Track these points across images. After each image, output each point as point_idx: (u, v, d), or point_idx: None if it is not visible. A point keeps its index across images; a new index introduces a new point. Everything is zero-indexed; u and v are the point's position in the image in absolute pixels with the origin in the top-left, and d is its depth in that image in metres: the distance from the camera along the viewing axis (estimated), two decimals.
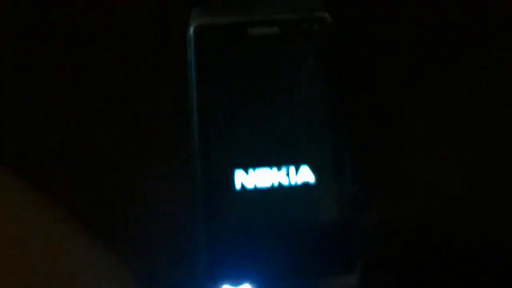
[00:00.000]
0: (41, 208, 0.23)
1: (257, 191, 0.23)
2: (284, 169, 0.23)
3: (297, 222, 0.23)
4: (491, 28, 0.26)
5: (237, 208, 0.23)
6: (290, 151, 0.23)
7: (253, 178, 0.23)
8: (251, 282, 0.23)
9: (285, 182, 0.23)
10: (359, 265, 0.22)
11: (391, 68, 0.26)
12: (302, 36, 0.24)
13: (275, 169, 0.23)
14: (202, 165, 0.23)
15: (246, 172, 0.23)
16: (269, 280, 0.23)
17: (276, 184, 0.23)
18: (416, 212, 0.25)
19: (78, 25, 0.26)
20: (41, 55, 0.26)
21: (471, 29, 0.26)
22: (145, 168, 0.25)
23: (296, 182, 0.23)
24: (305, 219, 0.23)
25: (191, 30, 0.24)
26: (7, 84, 0.26)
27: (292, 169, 0.23)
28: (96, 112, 0.26)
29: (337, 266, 0.23)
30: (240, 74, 0.24)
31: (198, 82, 0.24)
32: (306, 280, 0.23)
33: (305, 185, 0.23)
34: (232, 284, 0.23)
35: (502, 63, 0.26)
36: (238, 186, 0.23)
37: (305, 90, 0.24)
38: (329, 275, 0.23)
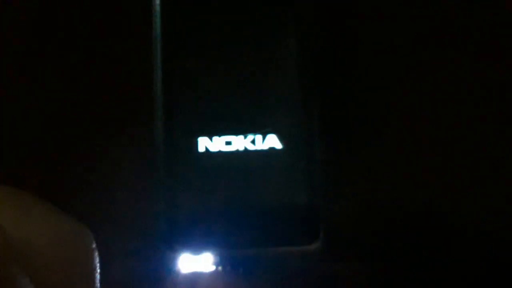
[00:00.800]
0: None
1: (221, 155, 0.22)
2: (250, 137, 0.23)
3: (260, 189, 0.22)
4: (488, 28, 0.26)
5: (199, 173, 0.22)
6: (257, 119, 0.23)
7: (217, 144, 0.22)
8: (212, 250, 0.22)
9: (251, 148, 0.23)
10: (322, 234, 0.22)
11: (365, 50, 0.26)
12: (276, 2, 0.24)
13: (241, 136, 0.23)
14: (164, 131, 0.22)
15: (211, 139, 0.22)
16: (231, 248, 0.22)
17: (241, 149, 0.22)
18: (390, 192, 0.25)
19: None
20: None
21: (466, 27, 0.26)
22: (104, 136, 0.24)
23: (262, 148, 0.22)
24: (269, 185, 0.22)
25: None
26: None
27: (258, 137, 0.23)
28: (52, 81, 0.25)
29: (299, 235, 0.22)
30: (206, 38, 0.23)
31: (163, 45, 0.23)
32: (267, 249, 0.22)
33: (272, 150, 0.23)
34: (192, 253, 0.22)
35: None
36: (201, 150, 0.22)
37: (275, 55, 0.23)
38: (291, 244, 0.22)
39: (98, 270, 0.17)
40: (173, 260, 0.22)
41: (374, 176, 0.25)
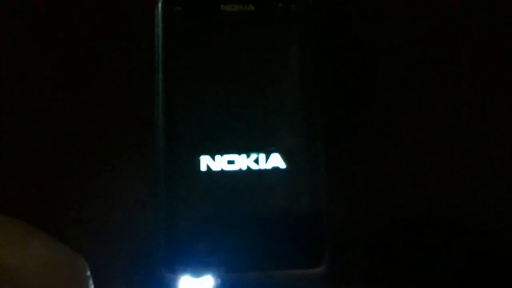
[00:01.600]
0: None
1: (223, 174, 0.22)
2: (253, 156, 0.22)
3: (264, 210, 0.22)
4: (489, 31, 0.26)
5: (200, 192, 0.22)
6: (261, 138, 0.22)
7: (219, 163, 0.22)
8: (213, 273, 0.21)
9: (254, 167, 0.22)
10: (327, 257, 0.21)
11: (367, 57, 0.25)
12: (277, 16, 0.23)
13: (243, 156, 0.22)
14: (165, 150, 0.22)
15: (213, 158, 0.22)
16: (232, 271, 0.21)
17: (244, 168, 0.22)
18: (390, 201, 0.24)
19: None
20: None
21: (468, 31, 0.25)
22: (104, 154, 0.24)
23: (265, 168, 0.22)
24: (272, 207, 0.22)
25: (159, 2, 0.23)
26: None
27: (262, 156, 0.22)
28: (56, 89, 0.24)
29: (304, 259, 0.22)
30: (209, 53, 0.23)
31: (165, 61, 0.22)
32: (270, 272, 0.22)
33: (275, 170, 0.22)
34: (192, 275, 0.21)
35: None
36: (203, 169, 0.22)
37: (279, 72, 0.23)
38: (295, 267, 0.22)
39: None
40: (173, 283, 0.22)
41: (380, 194, 0.24)
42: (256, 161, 0.22)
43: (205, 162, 0.22)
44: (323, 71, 0.23)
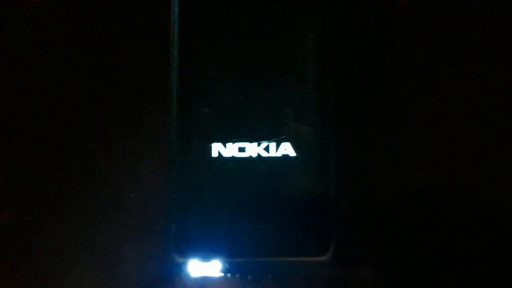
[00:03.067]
0: None
1: (234, 161, 0.22)
2: (264, 144, 0.22)
3: (273, 197, 0.22)
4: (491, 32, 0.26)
5: (211, 178, 0.22)
6: (272, 126, 0.22)
7: (231, 150, 0.22)
8: (221, 258, 0.22)
9: (264, 155, 0.22)
10: (332, 246, 0.22)
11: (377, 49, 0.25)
12: (292, 4, 0.23)
13: (254, 143, 0.22)
14: (178, 136, 0.22)
15: (224, 145, 0.22)
16: (240, 256, 0.22)
17: (254, 155, 0.22)
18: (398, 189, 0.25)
19: None
20: None
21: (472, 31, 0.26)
22: (120, 137, 0.24)
23: (276, 156, 0.22)
24: (282, 194, 0.22)
25: None
26: None
27: (272, 144, 0.22)
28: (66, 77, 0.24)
29: (311, 246, 0.22)
30: (224, 40, 0.23)
31: (180, 47, 0.23)
32: (278, 259, 0.22)
33: (285, 158, 0.22)
34: (201, 259, 0.22)
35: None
36: (214, 155, 0.22)
37: (291, 61, 0.23)
38: (302, 254, 0.22)
39: None
40: (182, 265, 0.22)
41: (387, 183, 0.24)
42: (267, 149, 0.22)
43: (217, 149, 0.22)
44: (336, 60, 0.23)
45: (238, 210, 0.22)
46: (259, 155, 0.22)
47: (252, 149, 0.22)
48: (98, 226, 0.24)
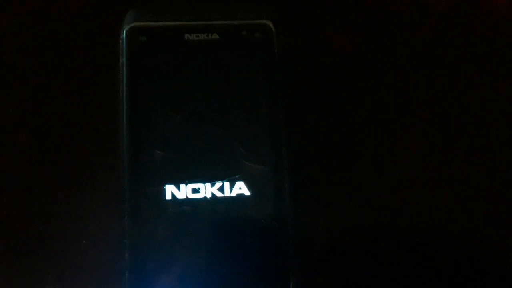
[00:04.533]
0: None
1: (188, 202, 0.22)
2: (218, 184, 0.22)
3: (229, 237, 0.22)
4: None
5: (165, 221, 0.22)
6: (225, 166, 0.22)
7: (184, 192, 0.22)
8: None
9: (219, 195, 0.22)
10: (292, 280, 0.21)
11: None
12: (242, 44, 0.23)
13: (208, 184, 0.22)
14: (130, 179, 0.22)
15: (178, 187, 0.22)
16: None
17: (209, 196, 0.22)
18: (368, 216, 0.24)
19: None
20: None
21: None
22: (70, 183, 0.24)
23: (230, 195, 0.22)
24: (237, 234, 0.22)
25: (124, 32, 0.23)
26: None
27: (226, 184, 0.22)
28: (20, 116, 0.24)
29: (270, 284, 0.22)
30: (174, 82, 0.23)
31: (129, 90, 0.22)
32: None
33: (240, 197, 0.22)
34: None
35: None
36: (168, 197, 0.22)
37: (243, 101, 0.23)
38: None
39: None
40: None
41: (343, 218, 0.24)
42: (221, 189, 0.22)
43: (170, 191, 0.22)
44: (286, 99, 0.23)
45: (194, 253, 0.22)
46: (213, 195, 0.22)
47: (206, 190, 0.22)
48: (47, 276, 0.23)
